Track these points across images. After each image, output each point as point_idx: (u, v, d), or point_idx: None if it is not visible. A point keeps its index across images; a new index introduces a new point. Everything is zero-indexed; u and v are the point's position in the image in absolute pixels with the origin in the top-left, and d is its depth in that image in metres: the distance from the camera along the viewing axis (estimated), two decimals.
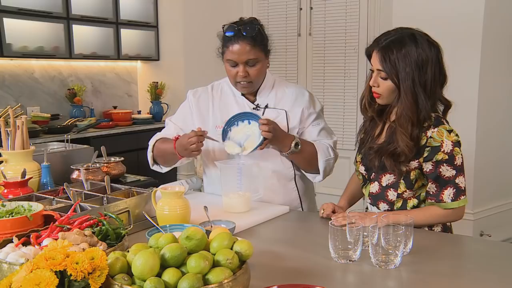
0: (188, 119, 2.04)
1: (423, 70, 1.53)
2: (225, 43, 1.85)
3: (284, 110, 1.95)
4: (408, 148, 1.55)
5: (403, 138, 1.56)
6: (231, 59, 1.84)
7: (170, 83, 4.82)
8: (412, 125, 1.55)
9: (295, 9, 4.61)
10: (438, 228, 1.67)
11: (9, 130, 1.99)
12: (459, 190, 1.57)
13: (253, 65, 1.85)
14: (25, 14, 3.79)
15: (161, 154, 1.99)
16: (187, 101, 2.08)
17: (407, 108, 1.54)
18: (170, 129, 2.04)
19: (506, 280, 1.25)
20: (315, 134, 1.97)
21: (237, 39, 1.81)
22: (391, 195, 1.66)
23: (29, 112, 4.07)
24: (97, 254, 1.00)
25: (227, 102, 2.00)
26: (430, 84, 1.55)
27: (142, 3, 4.68)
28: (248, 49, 1.81)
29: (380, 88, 1.60)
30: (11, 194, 1.79)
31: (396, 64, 1.53)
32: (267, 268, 1.31)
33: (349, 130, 4.38)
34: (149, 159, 2.04)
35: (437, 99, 1.61)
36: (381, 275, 1.27)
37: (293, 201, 1.99)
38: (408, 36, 1.55)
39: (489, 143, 3.56)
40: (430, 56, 1.54)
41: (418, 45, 1.53)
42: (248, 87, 1.90)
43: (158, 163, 2.05)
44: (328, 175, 1.98)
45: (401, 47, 1.53)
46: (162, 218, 1.55)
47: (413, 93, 1.54)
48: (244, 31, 1.81)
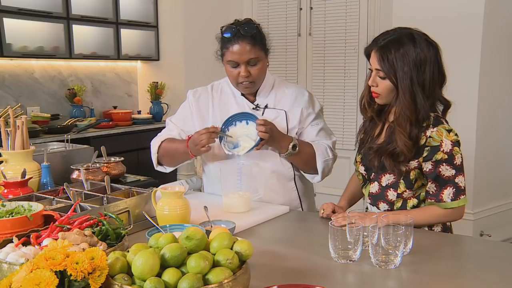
0: (188, 119, 2.04)
1: (421, 70, 1.53)
2: (225, 45, 1.85)
3: (284, 111, 1.95)
4: (406, 147, 1.55)
5: (402, 137, 1.56)
6: (232, 60, 1.83)
7: (170, 83, 4.82)
8: (410, 124, 1.55)
9: (295, 9, 4.61)
10: (438, 228, 1.67)
11: (9, 130, 1.99)
12: (459, 190, 1.57)
13: (254, 64, 1.85)
14: (25, 14, 3.79)
15: (170, 153, 1.98)
16: (187, 101, 2.08)
17: (405, 108, 1.55)
18: (172, 129, 2.04)
19: (506, 280, 1.25)
20: (314, 134, 1.97)
21: (237, 39, 1.81)
22: (391, 195, 1.66)
23: (29, 112, 4.07)
24: (97, 254, 1.00)
25: (227, 102, 2.00)
26: (429, 84, 1.55)
27: (142, 3, 4.68)
28: (249, 49, 1.81)
29: (379, 88, 1.60)
30: (11, 194, 1.79)
31: (394, 63, 1.54)
32: (267, 268, 1.31)
33: (349, 130, 4.38)
34: (153, 160, 2.04)
35: (436, 99, 1.61)
36: (381, 275, 1.27)
37: (293, 201, 1.99)
38: (406, 36, 1.56)
39: (489, 143, 3.56)
40: (428, 55, 1.54)
41: (417, 44, 1.54)
42: (250, 87, 1.90)
43: (163, 164, 2.05)
44: (326, 175, 1.98)
45: (399, 47, 1.54)
46: (162, 218, 1.55)
47: (411, 92, 1.54)
48: (243, 31, 1.81)
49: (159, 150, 2.00)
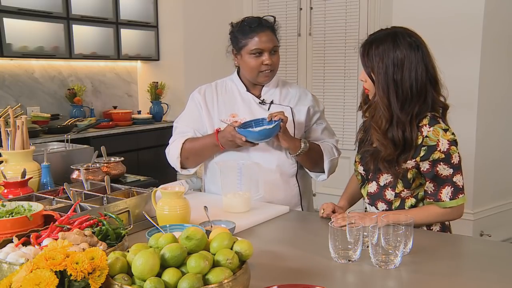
0: (198, 118, 2.03)
1: (398, 69, 1.55)
2: (248, 35, 1.91)
3: (290, 107, 1.99)
4: (382, 145, 1.58)
5: (375, 134, 1.59)
6: (258, 48, 1.90)
7: (170, 83, 4.81)
8: (386, 121, 1.57)
9: (295, 9, 4.62)
10: (436, 227, 1.67)
11: (9, 130, 1.99)
12: (457, 189, 1.57)
13: (275, 52, 1.95)
14: (25, 14, 3.78)
15: (196, 151, 1.97)
16: (192, 101, 2.06)
17: (379, 104, 1.57)
18: (186, 131, 2.01)
19: (506, 280, 1.25)
20: (319, 133, 2.04)
21: (263, 28, 1.91)
22: (389, 195, 1.66)
23: (29, 112, 4.07)
24: (97, 254, 1.00)
25: (232, 97, 2.03)
26: (411, 85, 1.55)
27: (142, 3, 4.68)
28: (272, 37, 1.94)
29: (367, 84, 1.65)
30: (11, 194, 1.79)
31: (373, 59, 1.58)
32: (267, 268, 1.31)
33: (349, 130, 4.38)
34: (176, 165, 2.00)
35: (426, 101, 1.59)
36: (381, 275, 1.27)
37: (294, 197, 2.01)
38: (389, 35, 1.59)
39: (489, 143, 3.56)
40: (408, 56, 1.55)
41: (397, 44, 1.56)
42: (270, 76, 1.97)
43: (186, 167, 2.03)
44: (331, 173, 2.03)
45: (379, 45, 1.58)
46: (162, 218, 1.55)
47: (384, 89, 1.56)
48: (264, 22, 1.93)
49: (182, 153, 1.98)
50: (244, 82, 2.02)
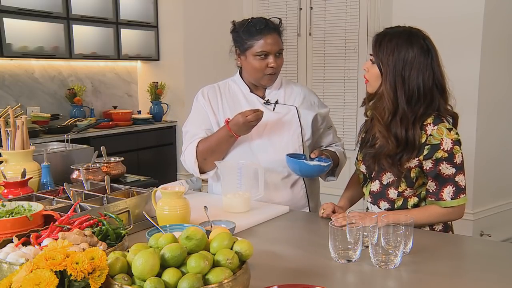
0: (206, 118, 2.01)
1: (407, 67, 1.56)
2: (253, 37, 1.88)
3: (295, 106, 1.98)
4: (382, 136, 1.58)
5: (378, 125, 1.59)
6: (264, 50, 1.88)
7: (170, 83, 4.81)
8: (389, 113, 1.57)
9: (295, 9, 4.61)
10: (439, 226, 1.67)
11: (9, 130, 1.99)
12: (459, 189, 1.57)
13: (279, 55, 1.93)
14: (25, 14, 3.79)
15: (212, 149, 1.92)
16: (197, 103, 2.05)
17: (385, 95, 1.58)
18: (197, 133, 1.97)
19: (506, 280, 1.25)
20: (331, 138, 2.10)
21: (269, 31, 1.89)
22: (392, 194, 1.67)
23: (29, 112, 4.07)
24: (97, 254, 1.00)
25: (236, 99, 2.02)
26: (417, 86, 1.56)
27: (142, 3, 4.68)
28: (278, 40, 1.91)
29: (369, 73, 1.65)
30: (11, 194, 1.79)
31: (385, 50, 1.59)
32: (267, 268, 1.31)
33: (349, 130, 4.38)
34: (195, 170, 1.96)
35: (431, 106, 1.59)
36: (381, 275, 1.27)
37: (301, 199, 2.00)
38: (405, 32, 1.60)
39: (489, 143, 3.55)
40: (417, 58, 1.56)
41: (411, 44, 1.57)
42: (274, 78, 1.97)
43: (205, 171, 1.99)
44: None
45: (392, 38, 1.59)
46: (162, 218, 1.55)
47: (391, 82, 1.57)
48: (271, 24, 1.91)
49: (198, 157, 1.93)
50: (247, 83, 2.01)
